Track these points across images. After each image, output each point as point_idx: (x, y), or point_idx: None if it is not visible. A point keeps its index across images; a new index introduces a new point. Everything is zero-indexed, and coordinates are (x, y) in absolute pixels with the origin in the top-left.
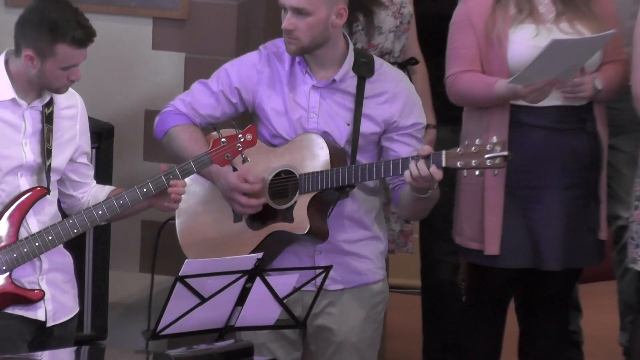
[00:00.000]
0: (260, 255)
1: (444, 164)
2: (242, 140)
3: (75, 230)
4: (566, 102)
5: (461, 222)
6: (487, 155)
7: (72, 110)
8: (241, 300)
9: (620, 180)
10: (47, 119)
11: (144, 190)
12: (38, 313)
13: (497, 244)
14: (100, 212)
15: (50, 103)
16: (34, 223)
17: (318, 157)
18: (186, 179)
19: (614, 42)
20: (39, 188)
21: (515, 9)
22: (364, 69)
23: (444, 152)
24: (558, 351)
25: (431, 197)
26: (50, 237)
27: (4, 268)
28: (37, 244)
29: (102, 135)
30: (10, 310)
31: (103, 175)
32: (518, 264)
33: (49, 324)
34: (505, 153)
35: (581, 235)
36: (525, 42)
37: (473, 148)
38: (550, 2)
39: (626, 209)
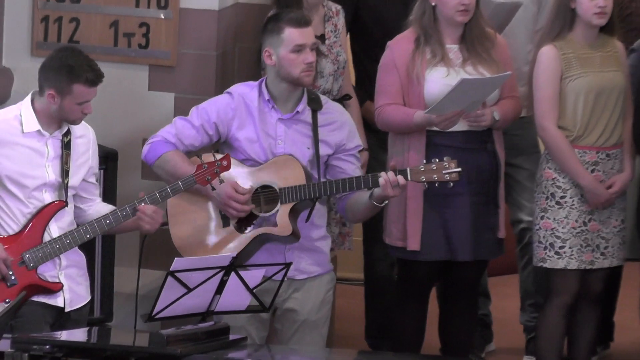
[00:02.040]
0: (234, 254)
1: (409, 178)
2: (219, 165)
3: (88, 235)
4: (471, 127)
5: (389, 225)
6: (444, 171)
7: (85, 138)
8: (219, 290)
9: (522, 191)
10: (66, 146)
11: (131, 208)
12: (58, 301)
13: (418, 241)
14: (107, 221)
15: (67, 133)
16: (55, 229)
17: (295, 174)
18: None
19: (510, 82)
20: (58, 201)
21: (430, 54)
22: (315, 103)
23: (408, 168)
24: (471, 330)
25: (382, 207)
26: (68, 241)
27: (32, 265)
28: (57, 246)
29: (108, 159)
30: (35, 299)
31: (110, 190)
32: (436, 256)
33: (67, 309)
34: (459, 169)
35: (484, 233)
36: (438, 81)
37: (433, 166)
38: (458, 50)
39: (527, 214)
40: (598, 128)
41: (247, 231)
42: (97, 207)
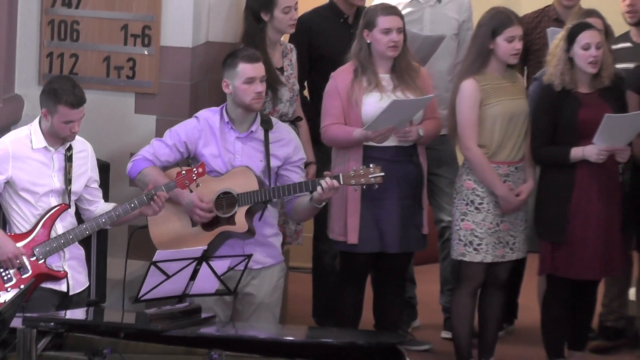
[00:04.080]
0: (205, 247)
1: (341, 182)
2: (195, 172)
3: (87, 232)
4: (400, 143)
5: (332, 222)
6: (370, 175)
7: (84, 153)
8: (193, 276)
9: (443, 196)
10: (68, 159)
11: (131, 205)
12: (62, 286)
13: (356, 236)
14: (103, 220)
15: (70, 148)
16: (60, 227)
17: (250, 182)
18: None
19: (432, 105)
20: (63, 204)
21: (367, 82)
22: (266, 124)
23: (341, 174)
24: (399, 310)
25: (320, 208)
26: (70, 237)
27: (41, 257)
28: (62, 241)
29: (101, 170)
30: (44, 285)
31: (103, 196)
32: (370, 249)
33: (70, 293)
34: (382, 174)
35: (411, 230)
36: (373, 104)
37: (361, 171)
38: (389, 78)
39: (447, 215)
40: (509, 146)
41: (211, 230)
42: (102, 207)
